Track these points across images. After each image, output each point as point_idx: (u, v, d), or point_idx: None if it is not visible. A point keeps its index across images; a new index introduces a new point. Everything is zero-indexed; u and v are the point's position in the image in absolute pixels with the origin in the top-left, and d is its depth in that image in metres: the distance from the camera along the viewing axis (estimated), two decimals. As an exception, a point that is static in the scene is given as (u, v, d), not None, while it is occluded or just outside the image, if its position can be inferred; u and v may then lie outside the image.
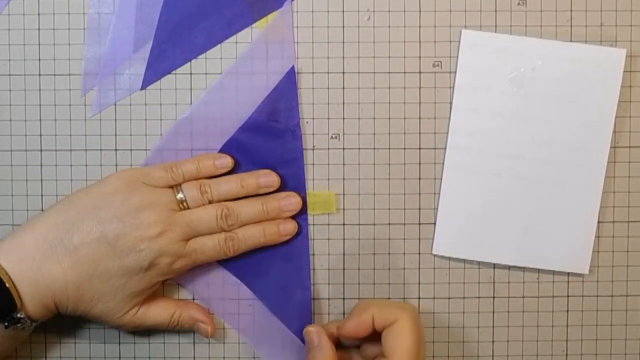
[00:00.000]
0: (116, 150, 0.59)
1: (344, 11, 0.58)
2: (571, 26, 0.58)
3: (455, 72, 0.58)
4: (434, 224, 0.59)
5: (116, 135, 0.59)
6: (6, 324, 0.50)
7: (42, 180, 0.58)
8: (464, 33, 0.58)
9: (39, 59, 0.58)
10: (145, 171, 0.55)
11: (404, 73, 0.58)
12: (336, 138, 0.59)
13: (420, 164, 0.59)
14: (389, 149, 0.59)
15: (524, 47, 0.58)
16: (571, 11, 0.58)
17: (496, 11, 0.58)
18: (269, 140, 0.58)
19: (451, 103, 0.58)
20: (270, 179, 0.57)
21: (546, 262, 0.59)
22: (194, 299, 0.59)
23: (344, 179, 0.59)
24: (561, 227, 0.58)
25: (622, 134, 0.59)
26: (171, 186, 0.55)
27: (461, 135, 0.58)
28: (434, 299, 0.59)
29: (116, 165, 0.59)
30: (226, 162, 0.57)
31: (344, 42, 0.58)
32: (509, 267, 0.59)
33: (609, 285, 0.59)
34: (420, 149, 0.59)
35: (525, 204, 0.58)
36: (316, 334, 0.55)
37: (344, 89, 0.59)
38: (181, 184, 0.56)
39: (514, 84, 0.58)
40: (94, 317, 0.54)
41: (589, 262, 0.59)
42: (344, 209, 0.59)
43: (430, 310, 0.59)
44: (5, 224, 0.59)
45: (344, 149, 0.59)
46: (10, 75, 0.58)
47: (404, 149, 0.59)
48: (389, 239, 0.59)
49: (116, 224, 0.52)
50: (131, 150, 0.59)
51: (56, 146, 0.58)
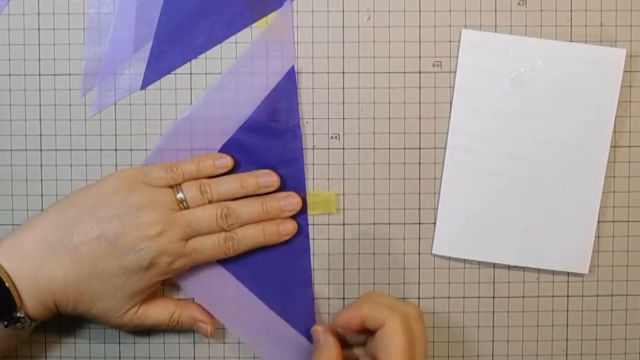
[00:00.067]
0: (116, 150, 0.59)
1: (344, 11, 0.58)
2: (571, 26, 0.58)
3: (455, 72, 0.58)
4: (434, 224, 0.59)
5: (116, 135, 0.59)
6: (6, 323, 0.50)
7: (42, 180, 0.58)
8: (464, 33, 0.58)
9: (39, 59, 0.58)
10: (145, 171, 0.55)
11: (404, 73, 0.58)
12: (336, 138, 0.59)
13: (420, 164, 0.59)
14: (389, 149, 0.59)
15: (524, 47, 0.58)
16: (571, 11, 0.58)
17: (496, 11, 0.58)
18: (269, 140, 0.58)
19: (451, 103, 0.58)
20: (270, 179, 0.57)
21: (546, 262, 0.59)
22: (193, 299, 0.59)
23: (344, 179, 0.59)
24: (561, 227, 0.58)
25: (622, 134, 0.59)
26: (171, 186, 0.55)
27: (461, 135, 0.58)
28: (434, 298, 0.59)
29: (116, 165, 0.59)
30: (226, 162, 0.57)
31: (344, 42, 0.58)
32: (509, 267, 0.59)
33: (609, 285, 0.59)
34: (420, 149, 0.59)
35: (525, 204, 0.58)
36: (322, 332, 0.55)
37: (344, 89, 0.59)
38: (181, 184, 0.56)
39: (514, 84, 0.58)
40: (93, 316, 0.54)
41: (589, 262, 0.59)
42: (344, 209, 0.59)
43: (430, 310, 0.59)
44: (5, 224, 0.59)
45: (344, 149, 0.59)
46: (10, 75, 0.58)
47: (404, 149, 0.59)
48: (389, 239, 0.59)
49: (116, 224, 0.52)
50: (131, 150, 0.59)
51: (56, 146, 0.58)
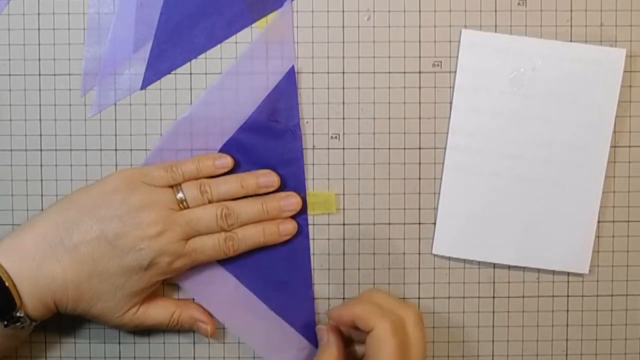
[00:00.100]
0: (116, 150, 0.59)
1: (344, 11, 0.58)
2: (571, 26, 0.58)
3: (455, 72, 0.58)
4: (434, 224, 0.59)
5: (116, 135, 0.59)
6: (5, 322, 0.50)
7: (42, 180, 0.58)
8: (464, 33, 0.58)
9: (39, 59, 0.58)
10: (145, 171, 0.55)
11: (404, 73, 0.58)
12: (336, 138, 0.59)
13: (420, 164, 0.59)
14: (389, 149, 0.59)
15: (524, 47, 0.58)
16: (571, 11, 0.58)
17: (496, 11, 0.58)
18: (269, 140, 0.58)
19: (451, 103, 0.58)
20: (270, 179, 0.57)
21: (546, 262, 0.59)
22: (193, 299, 0.59)
23: (344, 179, 0.59)
24: (561, 227, 0.58)
25: (622, 134, 0.59)
26: (171, 186, 0.55)
27: (461, 135, 0.58)
28: (434, 298, 0.59)
29: (116, 165, 0.59)
30: (226, 162, 0.57)
31: (344, 42, 0.58)
32: (509, 267, 0.59)
33: (609, 285, 0.59)
34: (420, 149, 0.59)
35: (525, 204, 0.58)
36: (325, 331, 0.55)
37: (344, 89, 0.59)
38: (181, 184, 0.56)
39: (514, 84, 0.58)
40: (93, 316, 0.54)
41: (589, 262, 0.58)
42: (344, 209, 0.59)
43: (430, 310, 0.59)
44: (5, 224, 0.59)
45: (344, 149, 0.59)
46: (10, 75, 0.58)
47: (404, 149, 0.59)
48: (389, 239, 0.59)
49: (116, 223, 0.52)
50: (131, 150, 0.59)
51: (56, 146, 0.58)
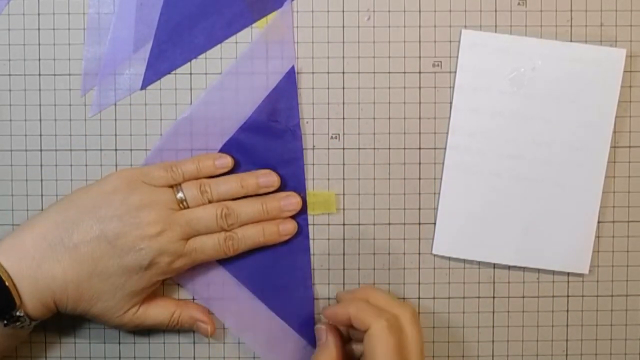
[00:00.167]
0: (116, 150, 0.59)
1: (344, 11, 0.58)
2: (571, 26, 0.58)
3: (455, 72, 0.58)
4: (434, 224, 0.59)
5: (116, 135, 0.59)
6: (5, 322, 0.50)
7: (42, 180, 0.58)
8: (464, 33, 0.58)
9: (39, 59, 0.58)
10: (145, 170, 0.55)
11: (404, 73, 0.58)
12: (336, 138, 0.59)
13: (420, 164, 0.59)
14: (389, 149, 0.59)
15: (524, 47, 0.58)
16: (571, 11, 0.58)
17: (496, 11, 0.58)
18: (269, 140, 0.58)
19: (451, 103, 0.58)
20: (270, 178, 0.57)
21: (546, 262, 0.58)
22: (193, 299, 0.59)
23: (344, 179, 0.59)
24: (561, 227, 0.58)
25: (622, 134, 0.59)
26: (171, 185, 0.55)
27: (461, 135, 0.58)
28: (434, 299, 0.59)
29: (116, 165, 0.59)
30: (226, 162, 0.57)
31: (344, 42, 0.58)
32: (509, 267, 0.59)
33: (609, 285, 0.59)
34: (420, 149, 0.59)
35: (525, 204, 0.58)
36: (324, 331, 0.55)
37: (344, 89, 0.59)
38: (181, 184, 0.56)
39: (514, 84, 0.58)
40: (93, 316, 0.54)
41: (589, 262, 0.58)
42: (344, 209, 0.59)
43: (430, 310, 0.59)
44: (5, 224, 0.59)
45: (344, 149, 0.59)
46: (10, 75, 0.58)
47: (404, 149, 0.59)
48: (389, 239, 0.59)
49: (116, 223, 0.52)
50: (131, 150, 0.59)
51: (56, 146, 0.58)
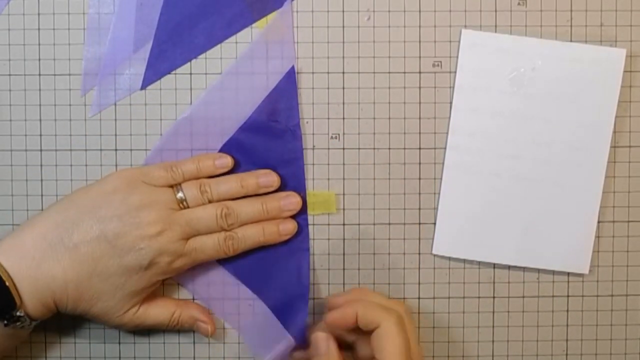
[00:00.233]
0: (116, 150, 0.59)
1: (344, 11, 0.58)
2: (571, 26, 0.58)
3: (455, 72, 0.58)
4: (434, 224, 0.59)
5: (116, 135, 0.59)
6: (5, 322, 0.50)
7: (42, 180, 0.58)
8: (464, 33, 0.58)
9: (39, 59, 0.58)
10: (145, 170, 0.55)
11: (404, 73, 0.58)
12: (336, 138, 0.59)
13: (420, 164, 0.59)
14: (389, 149, 0.59)
15: (524, 47, 0.58)
16: (571, 11, 0.58)
17: (496, 11, 0.58)
18: (269, 140, 0.58)
19: (451, 103, 0.58)
20: (270, 178, 0.57)
21: (546, 262, 0.58)
22: (194, 298, 0.59)
23: (344, 179, 0.59)
24: (561, 227, 0.58)
25: (622, 134, 0.59)
26: (171, 185, 0.55)
27: (461, 135, 0.58)
28: (434, 299, 0.59)
29: (116, 165, 0.59)
30: (226, 162, 0.57)
31: (344, 42, 0.58)
32: (509, 267, 0.59)
33: (609, 285, 0.59)
34: (420, 149, 0.59)
35: (525, 204, 0.58)
36: (324, 340, 0.54)
37: (344, 89, 0.59)
38: (181, 184, 0.56)
39: (514, 84, 0.58)
40: (93, 316, 0.54)
41: (589, 262, 0.58)
42: (344, 209, 0.59)
43: (430, 310, 0.59)
44: (5, 224, 0.58)
45: (344, 149, 0.59)
46: (10, 75, 0.58)
47: (404, 149, 0.59)
48: (389, 239, 0.59)
49: (116, 223, 0.52)
50: (131, 150, 0.59)
51: (56, 146, 0.58)
